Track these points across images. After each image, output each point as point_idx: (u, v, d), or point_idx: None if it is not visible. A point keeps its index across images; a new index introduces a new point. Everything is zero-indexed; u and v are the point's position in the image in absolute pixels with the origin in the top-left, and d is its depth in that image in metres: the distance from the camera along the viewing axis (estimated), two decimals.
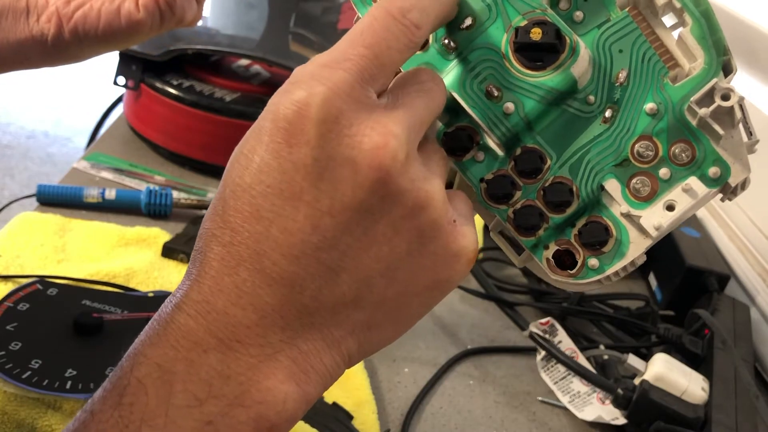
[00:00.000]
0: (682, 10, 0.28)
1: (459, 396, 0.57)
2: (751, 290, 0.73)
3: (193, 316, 0.24)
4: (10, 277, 0.55)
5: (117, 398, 0.23)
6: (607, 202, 0.30)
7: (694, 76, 0.28)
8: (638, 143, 0.29)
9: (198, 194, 0.73)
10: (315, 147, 0.23)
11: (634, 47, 0.29)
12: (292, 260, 0.24)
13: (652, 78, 0.29)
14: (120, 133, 0.82)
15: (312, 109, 0.23)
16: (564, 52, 0.28)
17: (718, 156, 0.29)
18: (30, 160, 2.43)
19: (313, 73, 0.24)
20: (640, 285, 0.78)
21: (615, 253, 0.30)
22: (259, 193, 0.24)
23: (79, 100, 2.85)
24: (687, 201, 0.29)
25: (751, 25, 0.84)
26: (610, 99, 0.29)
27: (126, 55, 0.77)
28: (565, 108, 0.29)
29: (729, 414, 0.52)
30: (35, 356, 0.45)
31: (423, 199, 0.25)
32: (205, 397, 0.23)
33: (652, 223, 0.29)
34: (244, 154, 0.24)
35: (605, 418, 0.54)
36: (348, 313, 0.25)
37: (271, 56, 0.79)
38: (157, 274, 0.59)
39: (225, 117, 0.75)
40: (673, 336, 0.62)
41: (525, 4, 0.28)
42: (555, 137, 0.29)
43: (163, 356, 0.24)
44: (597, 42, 0.29)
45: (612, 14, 0.29)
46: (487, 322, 0.66)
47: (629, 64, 0.29)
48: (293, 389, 0.24)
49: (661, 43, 0.29)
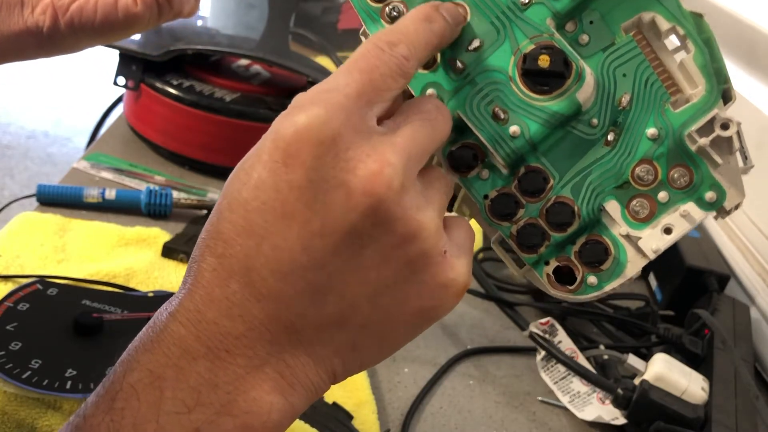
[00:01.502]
0: (686, 37, 0.29)
1: (459, 396, 0.57)
2: (751, 290, 0.73)
3: (185, 324, 0.24)
4: (10, 277, 0.55)
5: (109, 403, 0.24)
6: (607, 222, 0.31)
7: (695, 104, 0.29)
8: (639, 167, 0.30)
9: (198, 194, 0.73)
10: (310, 168, 0.24)
11: (637, 72, 0.30)
12: (281, 278, 0.24)
13: (653, 103, 0.30)
14: (120, 133, 0.82)
15: (310, 131, 0.24)
16: (570, 77, 0.29)
17: (715, 181, 0.30)
18: (30, 160, 2.43)
19: (313, 97, 0.25)
20: (640, 285, 0.78)
21: (613, 271, 0.31)
22: (254, 208, 0.24)
23: (79, 100, 2.85)
24: (684, 225, 0.30)
25: (751, 25, 0.84)
26: (612, 122, 0.30)
27: (126, 56, 0.77)
28: (569, 130, 0.30)
29: (729, 414, 0.52)
30: (35, 356, 0.45)
31: (414, 228, 0.25)
32: (194, 405, 0.24)
33: (651, 246, 0.30)
34: (244, 169, 0.25)
35: (605, 418, 0.54)
36: (332, 333, 0.25)
37: (271, 56, 0.79)
38: (157, 274, 0.59)
39: (225, 117, 0.75)
40: (673, 336, 0.62)
41: (533, 27, 0.29)
42: (558, 158, 0.30)
43: (155, 362, 0.24)
44: (602, 66, 0.30)
45: (617, 38, 0.30)
46: (487, 322, 0.66)
47: (632, 88, 0.30)
48: (279, 400, 0.25)
49: (664, 68, 0.30)
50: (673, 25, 0.29)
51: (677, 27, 0.29)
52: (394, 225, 0.25)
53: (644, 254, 0.30)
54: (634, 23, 0.30)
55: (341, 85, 0.25)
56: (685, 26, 0.29)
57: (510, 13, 0.29)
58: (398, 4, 0.30)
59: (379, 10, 0.30)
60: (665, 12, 0.29)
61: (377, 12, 0.30)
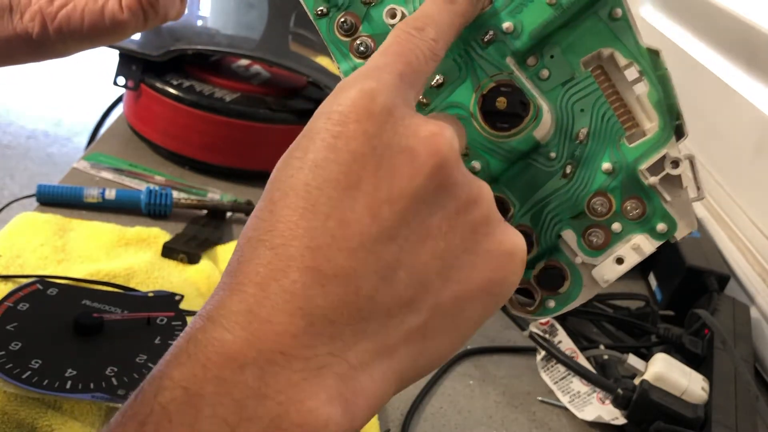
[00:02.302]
0: (642, 74, 0.30)
1: (459, 396, 0.57)
2: (751, 290, 0.73)
3: (230, 328, 0.22)
4: (10, 277, 0.55)
5: (138, 427, 0.21)
6: (564, 249, 0.32)
7: (647, 140, 0.30)
8: (594, 199, 0.31)
9: (198, 194, 0.73)
10: (372, 136, 0.23)
11: (594, 107, 0.31)
12: (350, 254, 0.22)
13: (609, 138, 0.31)
14: (120, 133, 0.82)
15: (366, 101, 0.24)
16: (528, 116, 0.30)
17: (666, 213, 0.31)
18: (30, 160, 2.44)
19: (358, 76, 0.25)
20: (640, 285, 0.78)
21: (569, 295, 0.32)
22: (315, 187, 0.23)
23: (79, 101, 2.85)
24: (635, 257, 0.32)
25: (751, 25, 0.84)
26: (570, 155, 0.31)
27: (126, 56, 0.77)
28: (530, 162, 0.31)
29: (729, 414, 0.52)
30: (35, 356, 0.45)
31: (476, 193, 0.25)
32: (237, 421, 0.21)
33: (603, 277, 0.32)
34: (296, 156, 0.24)
35: (605, 418, 0.54)
36: (404, 316, 0.24)
37: (271, 56, 0.79)
38: (157, 274, 0.59)
39: (225, 117, 0.75)
40: (673, 336, 0.62)
41: (493, 65, 0.30)
42: (519, 188, 0.31)
43: (191, 377, 0.21)
44: (560, 100, 0.31)
45: (576, 72, 0.31)
46: (487, 322, 0.66)
47: (589, 123, 0.31)
48: (337, 412, 0.22)
49: (622, 103, 0.31)
50: (630, 62, 0.30)
51: (635, 64, 0.30)
52: (457, 189, 0.24)
53: (596, 282, 0.32)
54: (593, 58, 0.31)
55: (382, 65, 0.25)
56: (641, 63, 0.30)
57: (472, 51, 0.30)
58: (366, 39, 0.30)
59: (348, 44, 0.31)
60: (623, 48, 0.30)
61: (346, 46, 0.31)
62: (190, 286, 0.58)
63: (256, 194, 0.75)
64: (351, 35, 0.30)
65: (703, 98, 0.92)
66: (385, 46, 0.26)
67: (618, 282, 0.32)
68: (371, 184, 0.23)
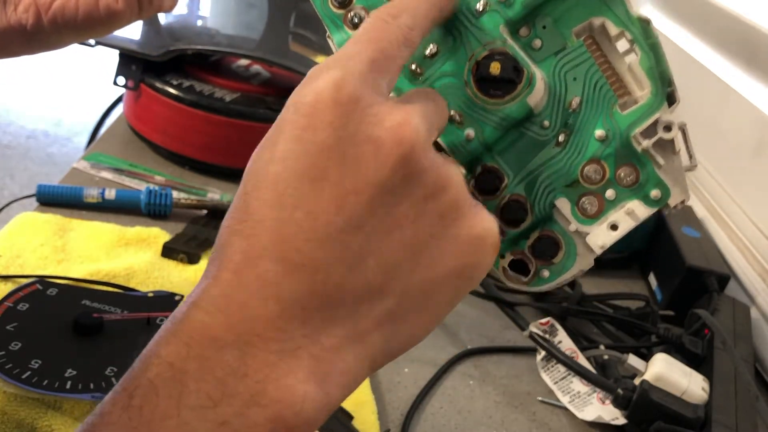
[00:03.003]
0: (633, 42, 0.30)
1: (459, 396, 0.57)
2: (751, 290, 0.73)
3: (211, 312, 0.23)
4: (10, 277, 0.55)
5: (127, 400, 0.22)
6: (558, 218, 0.32)
7: (640, 106, 0.31)
8: (587, 166, 0.31)
9: (198, 194, 0.73)
10: (338, 127, 0.23)
11: (587, 76, 0.31)
12: (317, 245, 0.23)
13: (602, 105, 0.31)
14: (120, 133, 0.82)
15: (332, 92, 0.24)
16: (521, 83, 0.30)
17: (660, 180, 0.31)
18: (30, 160, 2.44)
19: (327, 64, 0.25)
20: (640, 285, 0.78)
21: (564, 264, 0.32)
22: (283, 179, 0.24)
23: (79, 101, 2.85)
24: (629, 222, 0.31)
25: (751, 25, 0.84)
26: (563, 124, 0.31)
27: (126, 56, 0.77)
28: (523, 131, 0.31)
29: (729, 414, 0.52)
30: (35, 356, 0.45)
31: (444, 179, 0.25)
32: (220, 397, 0.22)
33: (598, 243, 0.32)
34: (267, 147, 0.25)
35: (605, 418, 0.54)
36: (373, 303, 0.24)
37: (271, 56, 0.79)
38: (157, 274, 0.59)
39: (225, 117, 0.75)
40: (673, 336, 0.62)
41: (486, 34, 0.30)
42: (513, 157, 0.32)
43: (176, 355, 0.23)
44: (553, 70, 0.31)
45: (568, 42, 0.31)
46: (487, 322, 0.66)
47: (582, 91, 0.31)
48: (313, 389, 0.23)
49: (613, 71, 0.31)
50: (621, 30, 0.30)
51: (625, 32, 0.30)
52: (424, 176, 0.24)
53: (591, 249, 0.32)
54: (585, 28, 0.31)
55: (353, 53, 0.25)
56: (632, 31, 0.30)
57: (465, 20, 0.30)
58: (360, 11, 0.30)
59: (341, 16, 0.31)
60: (614, 18, 0.30)
61: (340, 18, 0.31)
62: (190, 286, 0.58)
63: None
64: (345, 7, 0.31)
65: (703, 98, 0.92)
66: (359, 33, 0.26)
67: (618, 282, 0.32)
68: (337, 175, 0.23)
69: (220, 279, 0.24)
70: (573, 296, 0.67)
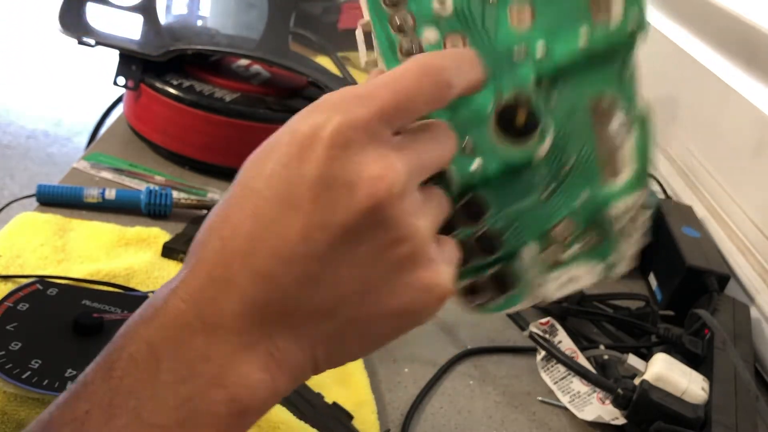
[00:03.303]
0: (632, 124, 0.32)
1: (459, 396, 0.57)
2: (751, 290, 0.73)
3: (186, 300, 0.26)
4: (10, 277, 0.55)
5: (107, 371, 0.26)
6: (521, 260, 0.34)
7: (624, 184, 0.33)
8: (561, 223, 0.33)
9: (198, 194, 0.73)
10: (322, 166, 0.26)
11: (585, 143, 0.32)
12: (280, 263, 0.26)
13: (590, 173, 0.33)
14: (120, 133, 0.82)
15: (326, 133, 0.26)
16: (535, 134, 0.31)
17: (617, 249, 0.34)
18: (30, 160, 2.44)
19: (336, 103, 0.27)
20: (640, 285, 0.78)
21: (511, 301, 0.35)
22: (264, 197, 0.26)
23: (79, 101, 2.85)
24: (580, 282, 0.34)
25: (751, 25, 0.84)
26: (553, 179, 0.33)
27: (126, 56, 0.77)
28: (518, 175, 0.33)
29: (729, 414, 0.52)
30: (35, 356, 0.45)
31: (408, 232, 0.27)
32: (188, 376, 0.25)
33: (546, 294, 0.34)
34: (259, 160, 0.27)
35: (605, 418, 0.54)
36: (321, 322, 0.27)
37: (271, 56, 0.79)
38: (157, 274, 0.59)
39: (225, 117, 0.75)
40: (673, 336, 0.62)
41: (519, 80, 0.31)
42: (501, 195, 0.33)
43: (154, 336, 0.26)
44: (559, 128, 0.32)
45: (578, 107, 0.32)
46: (487, 322, 0.66)
47: (577, 155, 0.32)
48: (266, 378, 0.26)
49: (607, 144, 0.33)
50: (625, 110, 0.32)
51: (628, 114, 0.32)
52: (389, 227, 0.26)
53: (537, 297, 0.34)
54: (597, 98, 0.32)
55: (368, 98, 0.27)
56: (634, 115, 0.32)
57: (505, 63, 0.31)
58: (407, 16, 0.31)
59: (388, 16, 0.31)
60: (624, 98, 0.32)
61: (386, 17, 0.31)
62: None
63: None
64: (395, 6, 0.31)
65: (703, 98, 0.92)
66: (392, 74, 0.27)
67: (618, 282, 0.33)
68: (310, 209, 0.26)
69: (196, 272, 0.27)
70: (573, 296, 0.67)
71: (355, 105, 0.26)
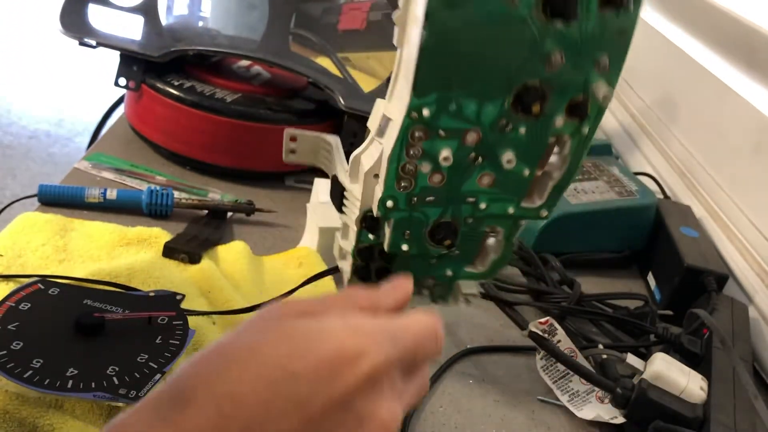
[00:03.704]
0: (501, 241, 0.45)
1: (459, 395, 0.57)
2: (750, 290, 0.74)
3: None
4: (11, 277, 0.55)
5: None
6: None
7: (476, 273, 0.46)
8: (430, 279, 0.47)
9: (199, 194, 0.73)
10: (348, 388, 0.28)
11: (471, 250, 0.46)
12: None
13: (464, 259, 0.46)
14: (121, 133, 0.83)
15: (366, 366, 0.28)
16: (452, 246, 0.43)
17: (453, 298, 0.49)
18: (31, 160, 2.44)
19: (380, 340, 0.30)
20: (639, 285, 0.79)
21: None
22: (278, 396, 0.27)
23: (81, 101, 2.85)
24: None
25: (751, 25, 0.84)
26: (443, 258, 0.45)
27: (127, 57, 0.77)
28: (427, 257, 0.45)
29: (728, 413, 0.52)
30: (37, 355, 0.46)
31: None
32: None
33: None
34: (293, 343, 0.28)
35: (604, 417, 0.55)
36: None
37: (272, 57, 0.79)
38: (158, 274, 0.59)
39: (226, 117, 0.75)
40: (672, 335, 0.62)
41: (458, 212, 0.42)
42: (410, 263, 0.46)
43: None
44: (461, 241, 0.44)
45: (479, 235, 0.44)
46: (487, 322, 0.66)
47: (463, 252, 0.45)
48: None
49: (482, 251, 0.46)
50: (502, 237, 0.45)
51: (503, 242, 0.45)
52: None
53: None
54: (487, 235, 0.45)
55: (394, 340, 0.30)
56: (507, 245, 0.45)
57: (459, 199, 0.41)
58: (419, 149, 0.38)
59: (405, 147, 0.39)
60: (506, 243, 0.45)
61: (403, 148, 0.38)
62: (191, 286, 0.58)
63: (256, 194, 0.76)
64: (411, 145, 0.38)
65: (703, 98, 0.92)
66: (415, 329, 0.32)
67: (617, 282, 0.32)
68: (318, 418, 0.27)
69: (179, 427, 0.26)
70: (572, 296, 0.67)
71: (393, 347, 0.30)
